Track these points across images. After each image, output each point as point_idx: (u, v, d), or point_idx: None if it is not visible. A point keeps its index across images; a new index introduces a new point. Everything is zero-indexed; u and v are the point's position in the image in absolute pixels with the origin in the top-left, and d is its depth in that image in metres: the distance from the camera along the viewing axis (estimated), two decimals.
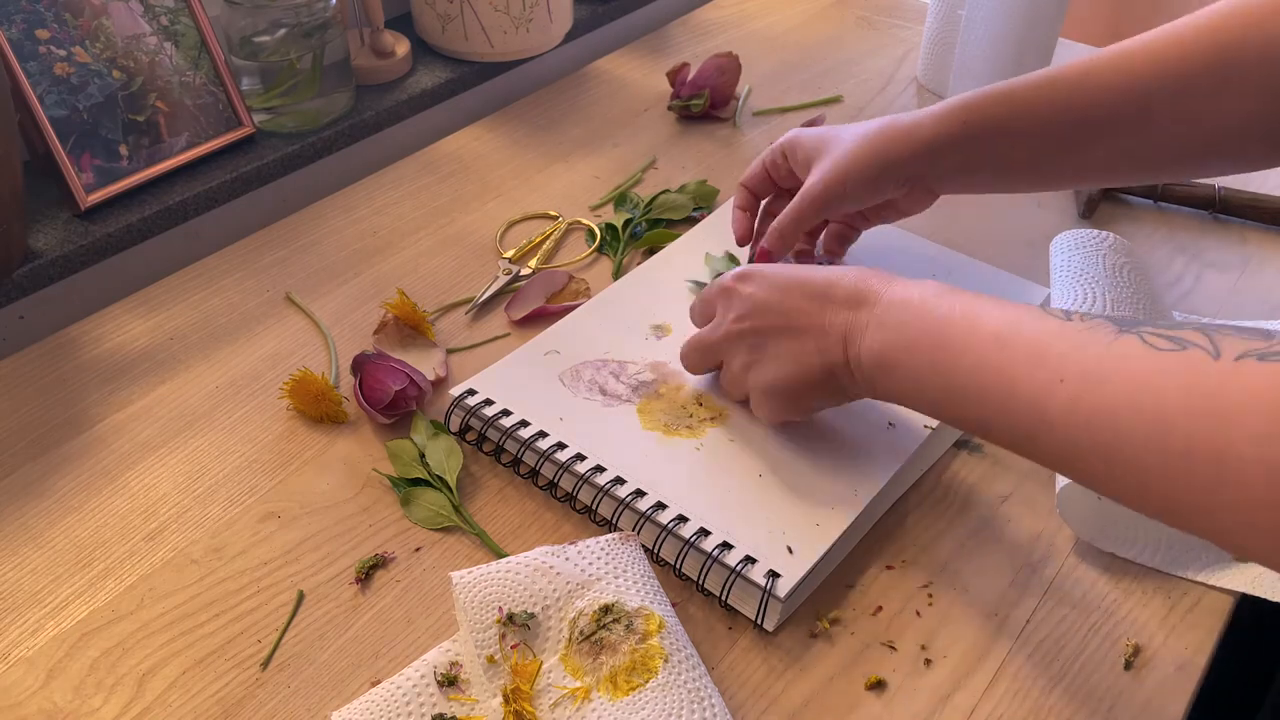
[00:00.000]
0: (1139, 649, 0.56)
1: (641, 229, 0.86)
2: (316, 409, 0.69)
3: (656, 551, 0.60)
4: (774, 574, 0.56)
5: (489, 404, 0.67)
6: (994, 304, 0.50)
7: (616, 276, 0.82)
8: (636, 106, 1.04)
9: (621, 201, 0.90)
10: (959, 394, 0.50)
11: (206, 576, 0.60)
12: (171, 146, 0.86)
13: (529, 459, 0.65)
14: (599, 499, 0.62)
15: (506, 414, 0.66)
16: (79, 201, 0.81)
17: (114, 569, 0.61)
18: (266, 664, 0.56)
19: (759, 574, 0.56)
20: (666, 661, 0.51)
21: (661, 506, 0.60)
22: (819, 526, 0.59)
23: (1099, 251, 0.72)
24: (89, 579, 0.60)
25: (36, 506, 0.65)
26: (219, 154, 0.89)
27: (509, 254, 0.84)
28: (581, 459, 0.63)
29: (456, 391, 0.68)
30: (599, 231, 0.86)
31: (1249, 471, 0.36)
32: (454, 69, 1.04)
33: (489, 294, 0.80)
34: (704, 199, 0.89)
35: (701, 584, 0.58)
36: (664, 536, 0.59)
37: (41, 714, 0.54)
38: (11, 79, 0.76)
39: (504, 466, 0.66)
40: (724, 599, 0.57)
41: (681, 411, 0.67)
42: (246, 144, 0.91)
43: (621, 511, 0.61)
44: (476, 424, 0.67)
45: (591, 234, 0.87)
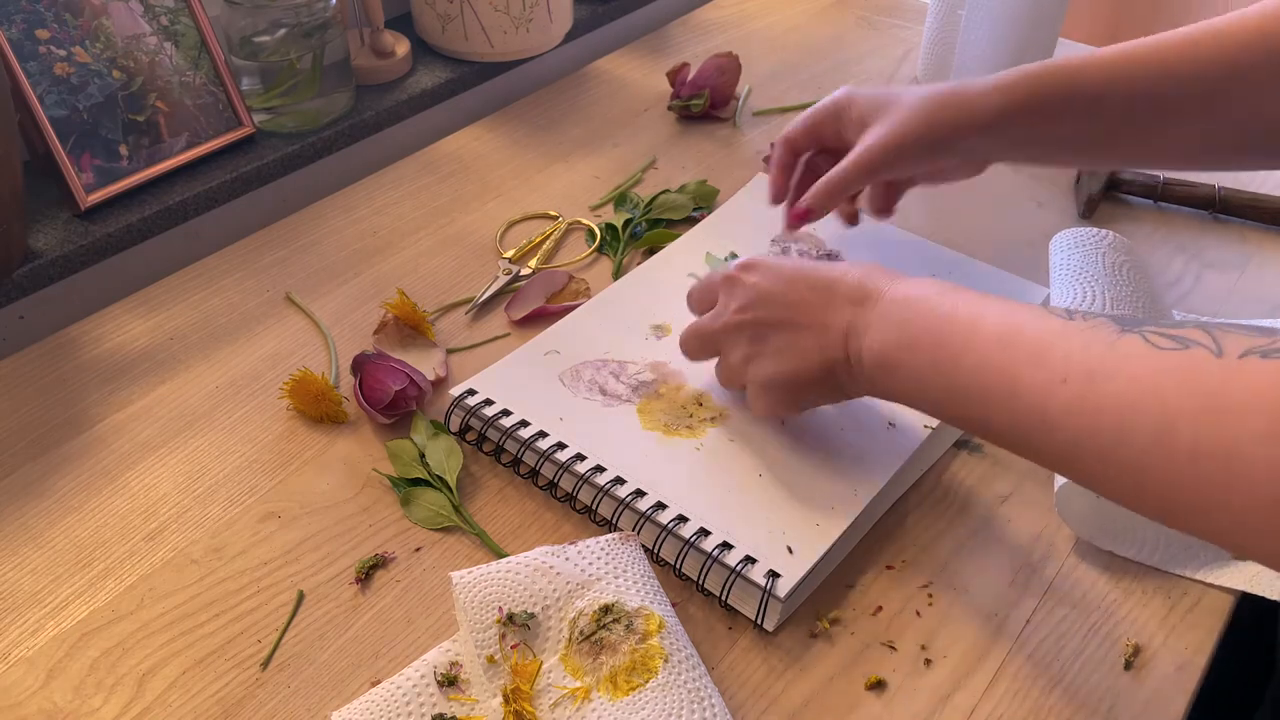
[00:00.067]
0: (1139, 649, 0.56)
1: (641, 229, 0.86)
2: (316, 409, 0.69)
3: (656, 551, 0.60)
4: (774, 574, 0.56)
5: (489, 404, 0.67)
6: (997, 303, 0.50)
7: (616, 276, 0.82)
8: (636, 106, 1.04)
9: (621, 201, 0.90)
10: (960, 393, 0.50)
11: (206, 576, 0.60)
12: (171, 146, 0.86)
13: (529, 459, 0.65)
14: (599, 499, 0.62)
15: (506, 414, 0.66)
16: (79, 201, 0.81)
17: (114, 569, 0.61)
18: (266, 664, 0.56)
19: (759, 574, 0.56)
20: (666, 661, 0.51)
21: (661, 506, 0.60)
22: (819, 526, 0.59)
23: (1098, 250, 0.72)
24: (89, 579, 0.60)
25: (36, 506, 0.65)
26: (219, 154, 0.89)
27: (509, 254, 0.84)
28: (581, 459, 0.63)
29: (456, 391, 0.68)
30: (599, 231, 0.86)
31: (1254, 472, 0.36)
32: (454, 69, 1.04)
33: (489, 294, 0.80)
34: (704, 199, 0.89)
35: (701, 584, 0.58)
36: (664, 536, 0.59)
37: (41, 714, 0.54)
38: (11, 79, 0.76)
39: (504, 466, 0.66)
40: (724, 599, 0.57)
41: (681, 411, 0.67)
42: (246, 144, 0.91)
43: (621, 511, 0.61)
44: (476, 424, 0.67)
45: (591, 234, 0.87)
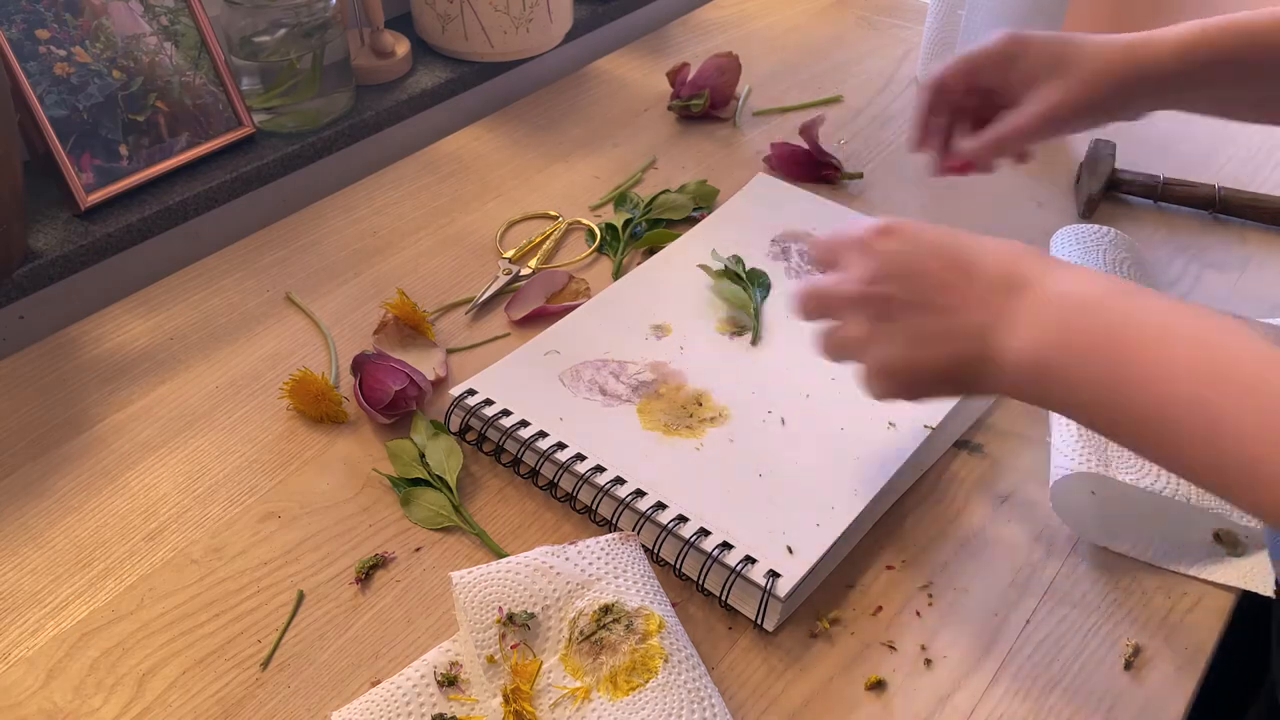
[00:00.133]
0: (1139, 649, 0.56)
1: (641, 229, 0.86)
2: (316, 409, 0.69)
3: (656, 551, 0.60)
4: (774, 574, 0.56)
5: (489, 404, 0.67)
6: (1188, 315, 0.44)
7: (616, 276, 0.82)
8: (636, 106, 1.04)
9: (621, 201, 0.90)
10: (1140, 421, 0.43)
11: (206, 576, 0.60)
12: (171, 146, 0.86)
13: (529, 459, 0.65)
14: (599, 499, 0.62)
15: (506, 414, 0.66)
16: (79, 201, 0.81)
17: (114, 569, 0.61)
18: (266, 664, 0.56)
19: (759, 574, 0.56)
20: (666, 661, 0.51)
21: (661, 506, 0.60)
22: (819, 526, 0.59)
23: (1099, 246, 0.72)
24: (89, 579, 0.60)
25: (36, 506, 0.65)
26: (219, 154, 0.89)
27: (509, 254, 0.84)
28: (581, 459, 0.63)
29: (456, 391, 0.68)
30: (599, 231, 0.86)
31: None
32: (454, 69, 1.04)
33: (489, 294, 0.80)
34: (704, 199, 0.89)
35: (701, 584, 0.58)
36: (664, 536, 0.59)
37: (41, 714, 0.54)
38: (11, 79, 0.76)
39: (504, 466, 0.66)
40: (724, 599, 0.57)
41: (681, 411, 0.67)
42: (246, 144, 0.91)
43: (621, 511, 0.61)
44: (476, 424, 0.67)
45: (591, 234, 0.87)
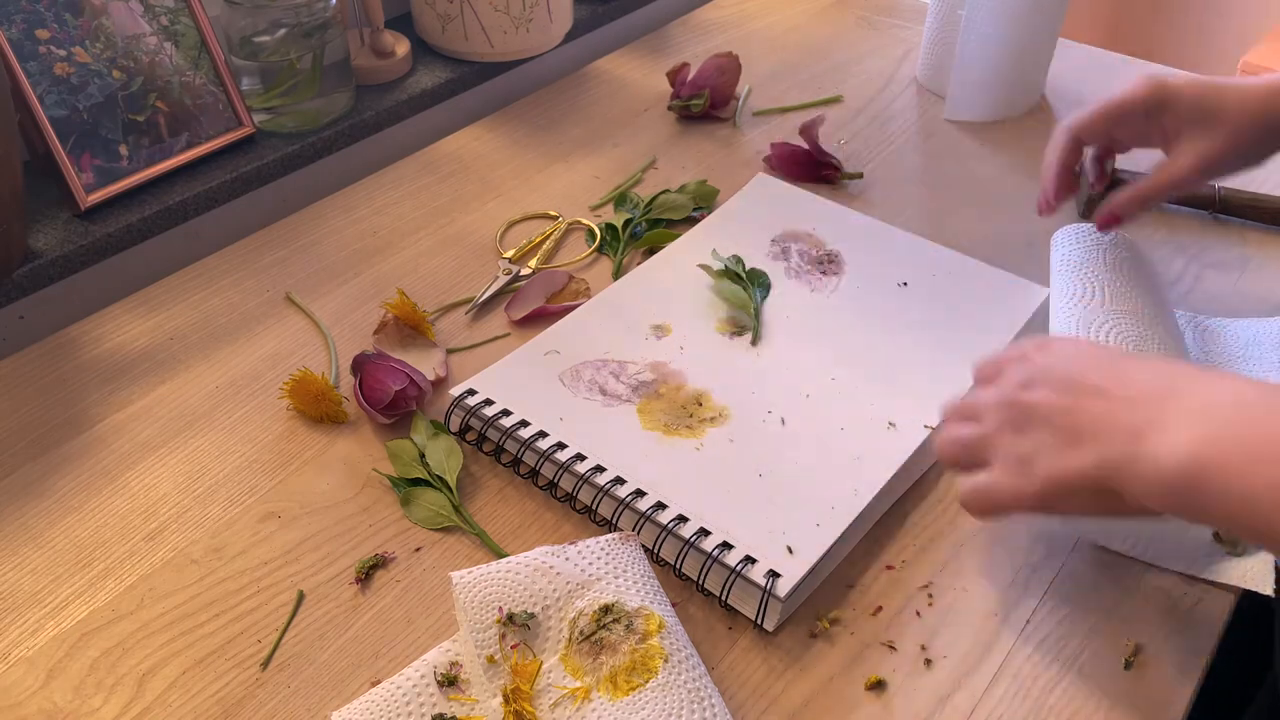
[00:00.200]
0: (1139, 649, 0.56)
1: (641, 229, 0.86)
2: (316, 409, 0.69)
3: (656, 551, 0.60)
4: (774, 574, 0.56)
5: (489, 404, 0.67)
6: None
7: (616, 276, 0.82)
8: (636, 106, 1.04)
9: (621, 201, 0.90)
10: None
11: (206, 576, 0.60)
12: (171, 146, 0.86)
13: (529, 459, 0.65)
14: (599, 499, 0.62)
15: (506, 414, 0.66)
16: (79, 201, 0.81)
17: (114, 569, 0.61)
18: (266, 664, 0.56)
19: (759, 574, 0.56)
20: (666, 661, 0.51)
21: (661, 506, 0.60)
22: (819, 526, 0.59)
23: (1100, 246, 0.72)
24: (89, 579, 0.60)
25: (36, 506, 0.65)
26: (219, 154, 0.89)
27: (509, 254, 0.84)
28: (581, 459, 0.63)
29: (456, 391, 0.68)
30: (599, 231, 0.86)
31: None
32: (454, 69, 1.04)
33: (489, 294, 0.80)
34: (704, 199, 0.89)
35: (701, 584, 0.58)
36: (664, 536, 0.59)
37: (41, 714, 0.54)
38: (11, 79, 0.76)
39: (504, 466, 0.66)
40: (724, 599, 0.57)
41: (681, 411, 0.67)
42: (246, 144, 0.91)
43: (621, 511, 0.61)
44: (476, 424, 0.67)
45: (591, 234, 0.87)
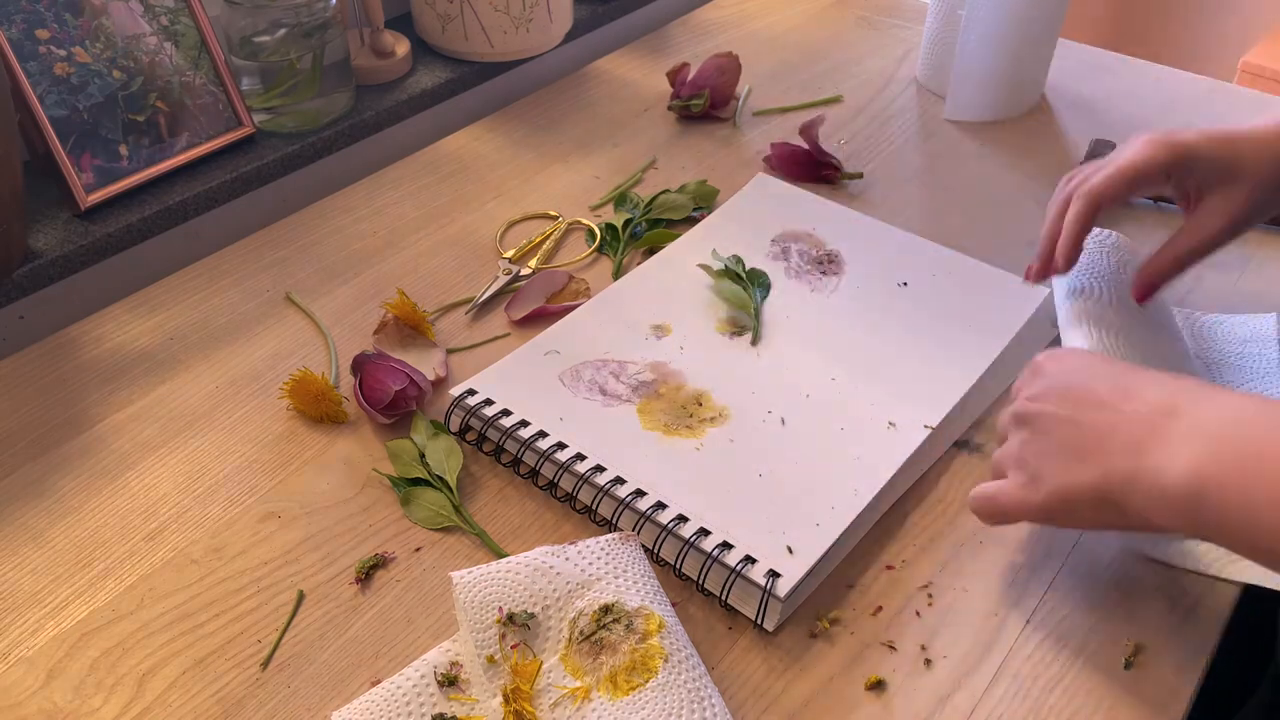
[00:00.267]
0: (1139, 649, 0.56)
1: (641, 229, 0.86)
2: (316, 409, 0.69)
3: (656, 551, 0.60)
4: (774, 574, 0.56)
5: (489, 404, 0.67)
6: None
7: (616, 276, 0.82)
8: (636, 106, 1.04)
9: (621, 201, 0.90)
10: None
11: (206, 576, 0.60)
12: (171, 146, 0.86)
13: (529, 459, 0.65)
14: (599, 499, 0.62)
15: (506, 414, 0.66)
16: (79, 201, 0.81)
17: (114, 569, 0.61)
18: (266, 664, 0.56)
19: (759, 574, 0.56)
20: (666, 661, 0.51)
21: (661, 506, 0.60)
22: (819, 526, 0.59)
23: (1103, 248, 0.72)
24: (89, 579, 0.60)
25: (36, 506, 0.65)
26: (219, 154, 0.89)
27: (509, 254, 0.84)
28: (581, 459, 0.63)
29: (456, 391, 0.68)
30: (599, 231, 0.86)
31: None
32: (454, 69, 1.04)
33: (489, 294, 0.80)
34: (704, 199, 0.89)
35: (701, 584, 0.58)
36: (664, 536, 0.59)
37: (41, 714, 0.54)
38: (11, 79, 0.76)
39: (504, 466, 0.66)
40: (724, 599, 0.57)
41: (681, 411, 0.67)
42: (246, 144, 0.91)
43: (621, 511, 0.61)
44: (476, 424, 0.67)
45: (591, 234, 0.87)
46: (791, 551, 0.57)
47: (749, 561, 0.57)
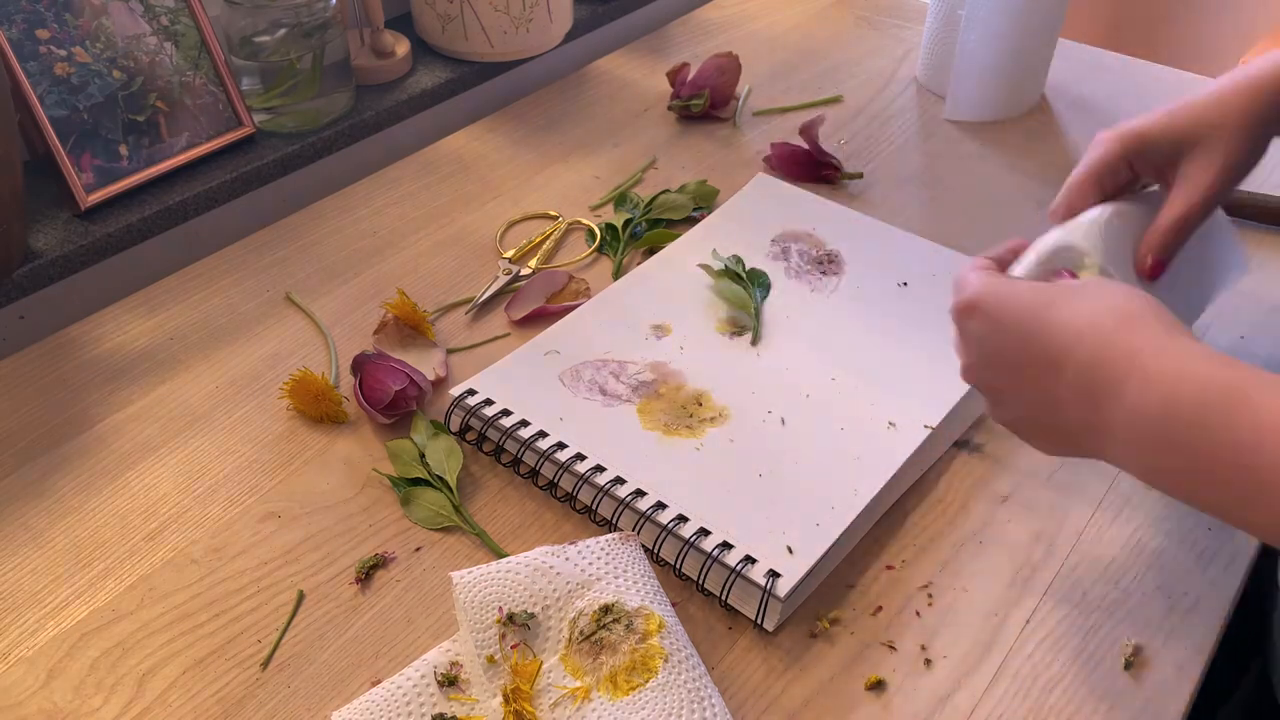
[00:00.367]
0: (1139, 649, 0.56)
1: (641, 229, 0.86)
2: (316, 409, 0.69)
3: (656, 551, 0.60)
4: (774, 574, 0.56)
5: (489, 404, 0.67)
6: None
7: (616, 276, 0.82)
8: (636, 106, 1.04)
9: (621, 201, 0.90)
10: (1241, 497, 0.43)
11: (206, 576, 0.60)
12: (171, 146, 0.86)
13: (529, 459, 0.65)
14: (599, 499, 0.62)
15: (506, 414, 0.66)
16: (79, 201, 0.81)
17: (114, 569, 0.61)
18: (266, 664, 0.56)
19: (759, 574, 0.56)
20: (666, 661, 0.51)
21: (661, 506, 0.60)
22: (819, 526, 0.59)
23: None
24: (89, 579, 0.60)
25: (36, 506, 0.65)
26: (219, 154, 0.89)
27: (509, 254, 0.84)
28: (581, 459, 0.63)
29: (456, 391, 0.68)
30: (599, 231, 0.86)
31: None
32: (454, 69, 1.04)
33: (489, 294, 0.80)
34: (704, 199, 0.89)
35: (701, 584, 0.58)
36: (664, 536, 0.59)
37: (41, 714, 0.54)
38: (11, 79, 0.76)
39: (504, 466, 0.66)
40: (724, 599, 0.57)
41: (681, 411, 0.67)
42: (246, 144, 0.91)
43: (621, 511, 0.61)
44: (476, 424, 0.67)
45: (591, 234, 0.87)
46: (791, 551, 0.57)
47: (749, 561, 0.57)
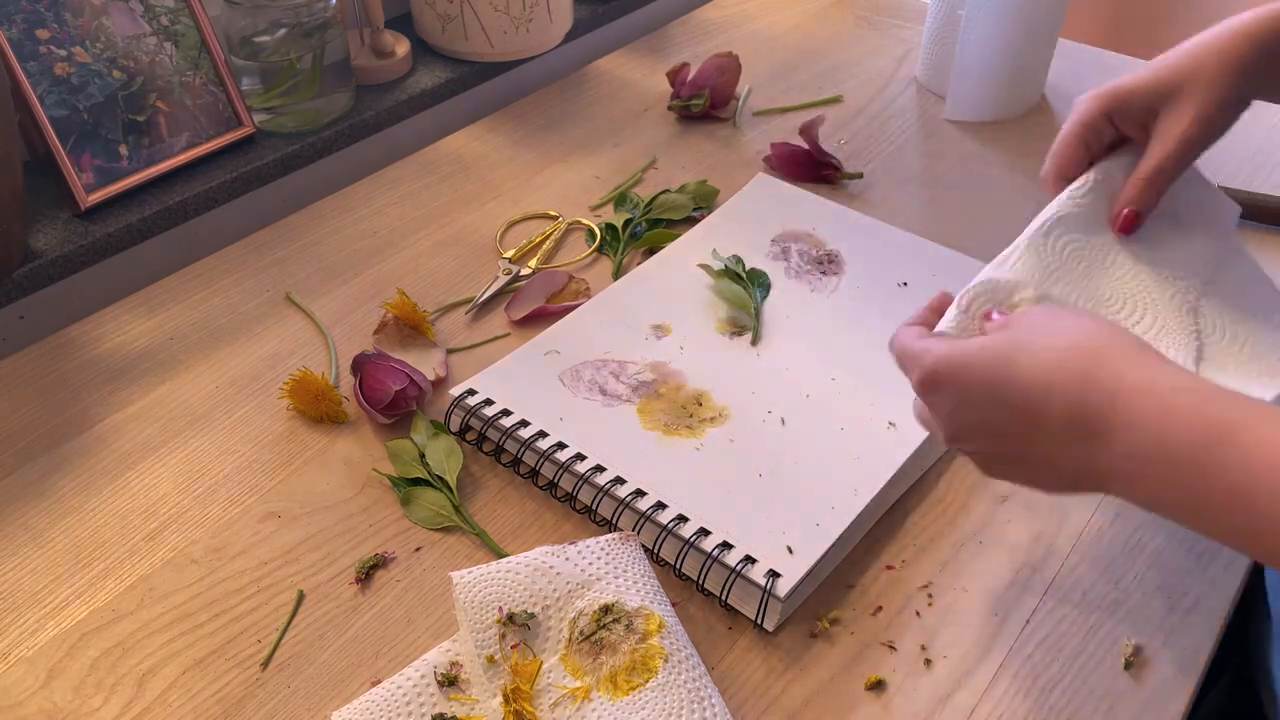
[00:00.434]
0: (1139, 649, 0.56)
1: (641, 229, 0.86)
2: (316, 409, 0.69)
3: (656, 551, 0.60)
4: (774, 574, 0.56)
5: (489, 404, 0.67)
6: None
7: (616, 276, 0.82)
8: (636, 106, 1.04)
9: (621, 201, 0.90)
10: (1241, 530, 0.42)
11: (206, 576, 0.60)
12: (171, 146, 0.86)
13: (529, 459, 0.65)
14: (599, 499, 0.62)
15: (506, 414, 0.66)
16: (79, 201, 0.81)
17: (114, 569, 0.61)
18: (266, 664, 0.56)
19: (759, 574, 0.56)
20: (666, 661, 0.51)
21: (661, 506, 0.60)
22: (819, 526, 0.59)
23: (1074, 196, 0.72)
24: (89, 579, 0.60)
25: (36, 506, 0.65)
26: (219, 154, 0.89)
27: (509, 254, 0.84)
28: (581, 459, 0.63)
29: (456, 391, 0.68)
30: (599, 231, 0.86)
31: None
32: (454, 69, 1.04)
33: (489, 294, 0.80)
34: (704, 199, 0.89)
35: (701, 584, 0.58)
36: (664, 536, 0.59)
37: (41, 714, 0.54)
38: (11, 79, 0.76)
39: (504, 466, 0.66)
40: (724, 599, 0.57)
41: (681, 411, 0.67)
42: (246, 144, 0.91)
43: (621, 511, 0.61)
44: (476, 424, 0.67)
45: (591, 234, 0.87)
46: (791, 551, 0.57)
47: (749, 561, 0.57)
